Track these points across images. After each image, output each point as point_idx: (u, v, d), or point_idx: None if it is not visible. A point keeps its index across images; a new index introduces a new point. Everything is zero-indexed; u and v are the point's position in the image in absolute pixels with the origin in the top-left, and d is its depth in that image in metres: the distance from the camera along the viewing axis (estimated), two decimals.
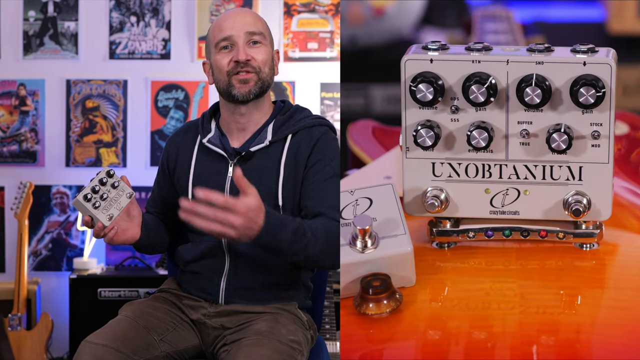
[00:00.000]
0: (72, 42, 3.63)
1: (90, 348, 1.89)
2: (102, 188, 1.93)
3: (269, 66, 2.07)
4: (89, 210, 1.92)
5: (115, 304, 3.25)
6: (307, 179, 2.02)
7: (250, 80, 2.03)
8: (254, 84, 2.04)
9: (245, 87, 2.03)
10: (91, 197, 1.92)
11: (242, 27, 2.04)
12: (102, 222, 1.92)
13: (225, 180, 2.06)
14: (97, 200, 1.92)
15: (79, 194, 1.92)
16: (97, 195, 1.92)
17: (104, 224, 1.92)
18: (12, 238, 3.58)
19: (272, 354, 1.87)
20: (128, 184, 1.98)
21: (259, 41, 2.05)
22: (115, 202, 1.95)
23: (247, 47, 2.04)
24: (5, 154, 3.62)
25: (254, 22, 2.07)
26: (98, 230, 1.93)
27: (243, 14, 2.10)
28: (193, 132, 2.15)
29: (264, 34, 2.07)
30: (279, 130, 2.06)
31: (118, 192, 1.95)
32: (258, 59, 2.04)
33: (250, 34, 2.05)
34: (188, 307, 2.08)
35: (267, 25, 2.12)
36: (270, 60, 2.08)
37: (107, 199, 1.93)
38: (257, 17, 2.11)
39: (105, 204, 1.93)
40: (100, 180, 1.94)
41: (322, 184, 2.01)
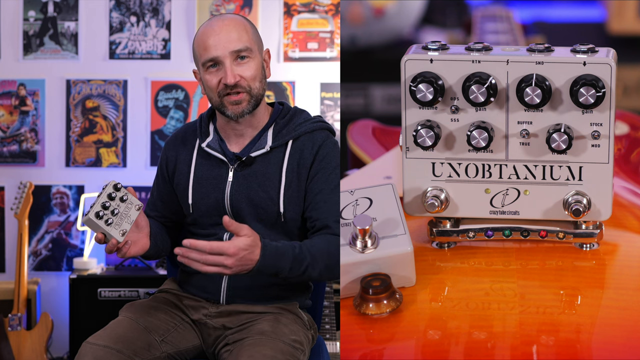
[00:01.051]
0: (72, 42, 3.63)
1: (92, 349, 1.89)
2: (112, 203, 1.92)
3: (259, 79, 2.02)
4: (102, 227, 1.90)
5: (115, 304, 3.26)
6: (311, 189, 2.02)
7: (243, 101, 2.00)
8: (247, 104, 2.01)
9: (238, 107, 2.01)
10: (103, 214, 1.90)
11: (227, 46, 1.98)
12: (116, 238, 1.91)
13: (225, 185, 2.05)
14: (109, 217, 1.90)
15: (90, 211, 1.89)
16: (107, 211, 1.91)
17: (118, 240, 1.91)
18: (12, 238, 3.58)
19: (275, 354, 1.87)
20: (135, 195, 1.97)
21: (246, 56, 2.00)
22: (126, 216, 1.93)
23: (234, 66, 1.99)
24: (5, 154, 3.62)
25: (238, 37, 2.00)
26: (112, 247, 1.92)
27: (227, 29, 2.00)
28: (192, 136, 2.14)
29: (250, 48, 2.01)
30: (279, 135, 2.06)
31: (127, 206, 1.94)
32: (247, 76, 2.00)
33: (237, 52, 1.99)
34: (189, 307, 2.08)
35: (253, 30, 2.05)
36: (260, 72, 2.03)
37: (117, 214, 1.91)
38: (242, 28, 2.02)
39: (117, 220, 1.91)
40: (109, 195, 1.92)
41: (327, 196, 2.01)
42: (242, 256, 1.82)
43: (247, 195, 2.03)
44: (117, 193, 1.93)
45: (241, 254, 1.82)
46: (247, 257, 1.83)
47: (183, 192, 2.10)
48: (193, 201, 2.07)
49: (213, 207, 2.05)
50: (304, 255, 1.93)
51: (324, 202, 2.01)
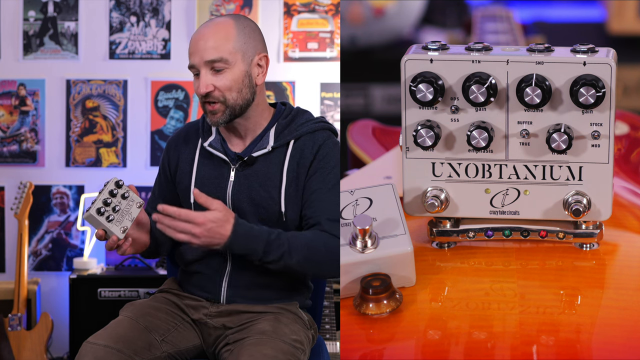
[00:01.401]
0: (72, 42, 3.63)
1: (92, 349, 1.89)
2: (113, 200, 1.92)
3: (237, 90, 2.00)
4: (103, 224, 1.90)
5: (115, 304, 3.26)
6: (308, 187, 2.02)
7: (217, 111, 2.00)
8: (221, 114, 2.00)
9: (214, 117, 2.01)
10: (104, 211, 1.90)
11: (202, 55, 1.98)
12: (116, 235, 1.91)
13: (227, 185, 2.05)
14: (110, 214, 1.90)
15: (91, 207, 1.89)
16: (109, 208, 1.90)
17: (118, 237, 1.92)
18: (12, 238, 3.57)
19: (276, 354, 1.88)
20: (136, 192, 1.97)
21: (221, 67, 1.98)
22: (127, 213, 1.93)
23: (209, 75, 1.98)
24: (5, 154, 3.62)
25: (215, 47, 1.97)
26: (112, 244, 1.92)
27: (206, 38, 1.99)
28: (194, 135, 2.14)
29: (226, 58, 1.98)
30: (280, 135, 2.05)
31: (128, 203, 1.94)
32: (220, 86, 1.98)
33: (210, 62, 1.98)
34: (189, 307, 2.08)
35: (240, 36, 2.01)
36: (240, 82, 2.00)
37: (119, 210, 1.91)
38: (223, 36, 1.99)
39: (118, 217, 1.91)
40: (111, 191, 1.92)
41: (323, 195, 2.01)
42: (210, 228, 1.89)
43: (248, 195, 2.03)
44: (118, 190, 1.93)
45: (209, 225, 1.89)
46: (215, 230, 1.89)
47: (185, 192, 2.10)
48: (195, 200, 2.07)
49: None
50: (281, 242, 1.95)
51: (319, 200, 2.01)
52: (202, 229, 1.88)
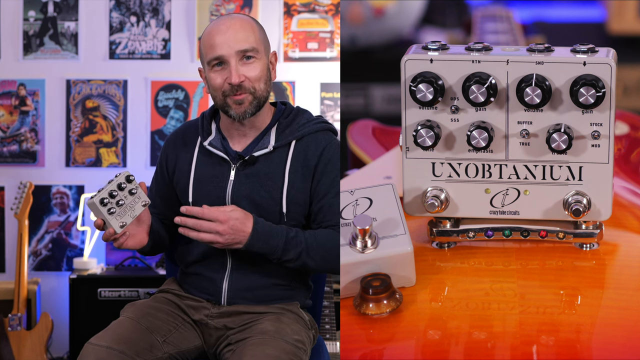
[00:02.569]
0: (72, 42, 3.63)
1: (94, 350, 1.89)
2: (120, 193, 1.92)
3: (264, 80, 2.01)
4: (103, 214, 1.90)
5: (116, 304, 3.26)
6: (317, 193, 2.03)
7: (245, 101, 1.99)
8: (249, 104, 2.00)
9: (241, 107, 2.00)
10: (107, 202, 1.90)
11: (233, 45, 1.97)
12: (113, 228, 1.91)
13: (227, 184, 2.05)
14: (112, 206, 1.90)
15: (96, 195, 1.89)
16: (113, 200, 1.91)
17: (115, 230, 1.92)
18: (12, 238, 3.57)
19: (279, 354, 1.88)
20: (145, 191, 1.97)
21: (252, 56, 1.99)
22: (130, 209, 1.94)
23: (239, 66, 1.98)
24: (5, 154, 3.62)
25: (246, 38, 1.99)
26: (108, 236, 1.93)
27: (234, 28, 1.99)
28: (193, 134, 2.13)
29: (256, 48, 2.00)
30: (282, 135, 2.06)
31: (134, 199, 1.94)
32: (252, 77, 1.99)
33: (243, 52, 1.98)
34: (190, 307, 2.08)
35: (260, 31, 2.04)
36: (265, 73, 2.02)
37: (122, 205, 1.91)
38: (249, 28, 2.02)
39: (120, 211, 1.92)
40: (119, 184, 1.91)
41: (332, 199, 2.03)
42: (234, 225, 1.91)
43: (248, 195, 2.03)
44: (127, 185, 1.93)
45: (232, 222, 1.91)
46: (238, 227, 1.92)
47: (183, 190, 2.10)
48: (193, 199, 2.07)
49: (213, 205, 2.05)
50: (299, 240, 1.97)
51: (329, 205, 2.03)
52: (227, 226, 1.91)
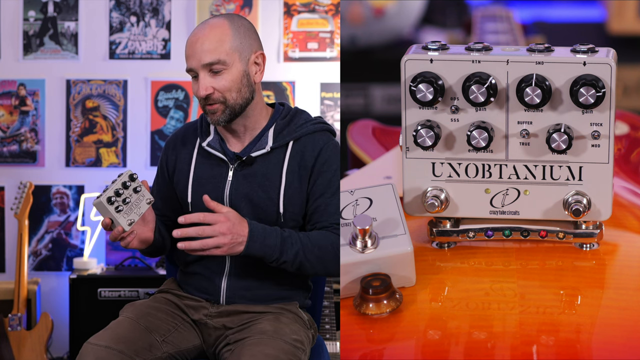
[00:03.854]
0: (72, 42, 3.63)
1: (93, 350, 1.89)
2: (125, 192, 1.92)
3: (236, 90, 2.01)
4: (111, 213, 1.91)
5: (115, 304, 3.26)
6: (314, 193, 2.04)
7: (217, 111, 2.01)
8: (222, 113, 2.01)
9: (214, 116, 2.02)
10: (114, 200, 1.90)
11: (200, 58, 1.98)
12: (122, 226, 1.92)
13: (225, 185, 2.05)
14: (119, 205, 1.91)
15: (102, 195, 1.90)
16: (119, 198, 1.91)
17: (124, 228, 1.92)
18: (12, 238, 3.57)
19: (277, 354, 1.88)
20: (148, 189, 1.98)
21: (219, 69, 1.99)
22: (136, 207, 1.94)
23: (208, 77, 1.99)
24: (5, 154, 3.62)
25: (212, 49, 1.98)
26: (117, 234, 1.93)
27: (202, 41, 1.99)
28: (192, 135, 2.14)
29: (223, 60, 1.98)
30: (279, 136, 2.06)
31: (139, 197, 1.95)
32: (220, 87, 1.99)
33: (208, 65, 1.98)
34: (189, 307, 2.08)
35: (235, 37, 2.01)
36: (238, 82, 2.01)
37: (129, 203, 1.92)
38: (219, 38, 1.99)
39: (127, 209, 1.92)
40: (124, 183, 1.92)
41: (329, 199, 2.03)
42: (233, 224, 1.90)
43: (246, 195, 2.03)
44: (131, 183, 1.94)
45: (233, 221, 1.90)
46: (237, 228, 1.90)
47: (183, 191, 2.11)
48: (192, 200, 2.08)
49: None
50: (294, 239, 1.97)
51: (325, 205, 2.03)
52: (228, 225, 1.89)
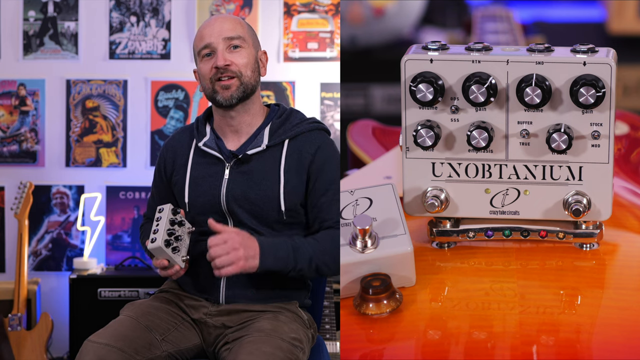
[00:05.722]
0: (72, 42, 3.63)
1: (94, 347, 1.89)
2: (176, 229, 1.95)
3: (251, 69, 2.07)
4: (169, 255, 1.93)
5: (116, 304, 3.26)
6: (315, 191, 2.05)
7: (232, 86, 2.04)
8: (236, 89, 2.05)
9: (227, 92, 2.05)
10: (171, 242, 1.93)
11: (220, 33, 2.06)
12: (179, 265, 1.95)
13: (221, 183, 2.06)
14: (175, 245, 1.94)
15: (158, 239, 1.91)
16: (172, 238, 1.94)
17: (180, 266, 1.96)
18: (12, 238, 3.57)
19: (275, 352, 1.88)
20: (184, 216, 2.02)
21: (238, 45, 2.06)
22: (184, 240, 1.98)
23: (226, 53, 2.05)
24: (5, 154, 3.62)
25: (232, 27, 2.07)
26: (174, 273, 1.97)
27: (221, 20, 2.10)
28: (188, 136, 2.16)
29: (243, 38, 2.07)
30: (275, 134, 2.07)
31: (183, 230, 1.98)
32: (238, 62, 2.05)
33: (229, 39, 2.05)
34: (189, 306, 2.08)
35: (249, 28, 2.13)
36: (253, 63, 2.08)
37: (180, 240, 1.95)
38: (236, 21, 2.11)
39: (179, 246, 1.95)
40: (172, 220, 1.95)
41: (331, 197, 2.04)
42: (245, 237, 1.92)
43: (243, 193, 2.04)
44: (176, 217, 1.97)
45: (243, 234, 1.92)
46: (248, 242, 1.92)
47: (180, 191, 2.11)
48: (189, 200, 2.09)
49: (208, 205, 2.07)
50: (304, 246, 1.99)
51: (328, 203, 2.04)
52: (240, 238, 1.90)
